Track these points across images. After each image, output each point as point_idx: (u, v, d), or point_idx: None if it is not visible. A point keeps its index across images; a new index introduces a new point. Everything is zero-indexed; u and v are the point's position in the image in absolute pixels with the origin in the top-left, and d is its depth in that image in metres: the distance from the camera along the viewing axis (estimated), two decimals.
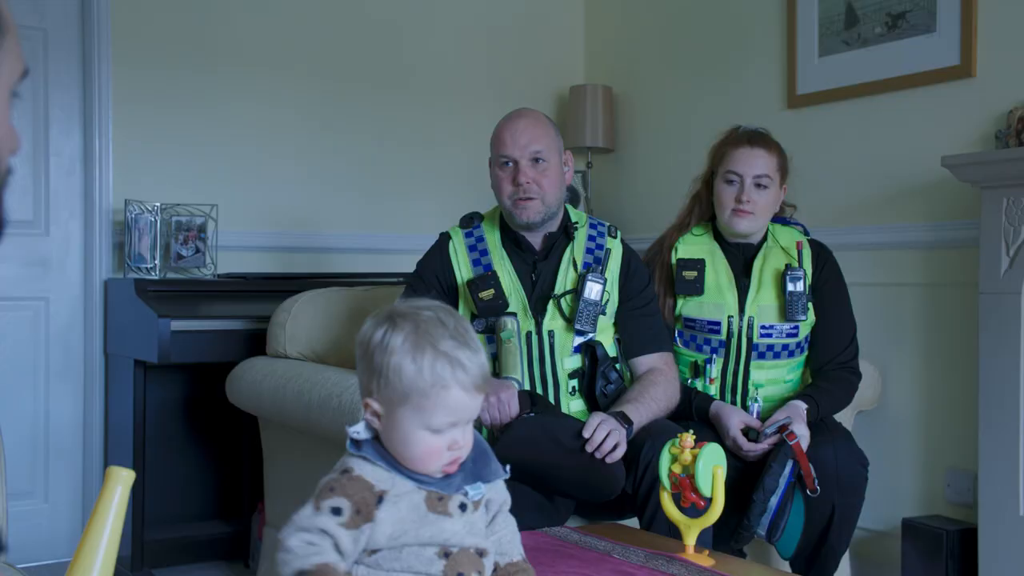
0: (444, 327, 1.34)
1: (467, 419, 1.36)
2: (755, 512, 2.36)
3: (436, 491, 1.35)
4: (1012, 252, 2.65)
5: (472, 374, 1.33)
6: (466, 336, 1.36)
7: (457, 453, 1.35)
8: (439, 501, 1.35)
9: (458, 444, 1.35)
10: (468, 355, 1.33)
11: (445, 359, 1.32)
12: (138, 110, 3.50)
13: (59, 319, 3.47)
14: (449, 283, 2.47)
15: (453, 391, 1.32)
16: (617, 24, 4.29)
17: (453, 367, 1.32)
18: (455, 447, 1.34)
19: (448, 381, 1.32)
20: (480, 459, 1.41)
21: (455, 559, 1.34)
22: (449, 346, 1.33)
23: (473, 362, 1.34)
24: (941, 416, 3.03)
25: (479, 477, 1.39)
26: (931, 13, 3.05)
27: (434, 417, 1.32)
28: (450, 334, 1.34)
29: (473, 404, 1.35)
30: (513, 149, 2.41)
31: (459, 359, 1.32)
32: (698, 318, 2.65)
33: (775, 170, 2.65)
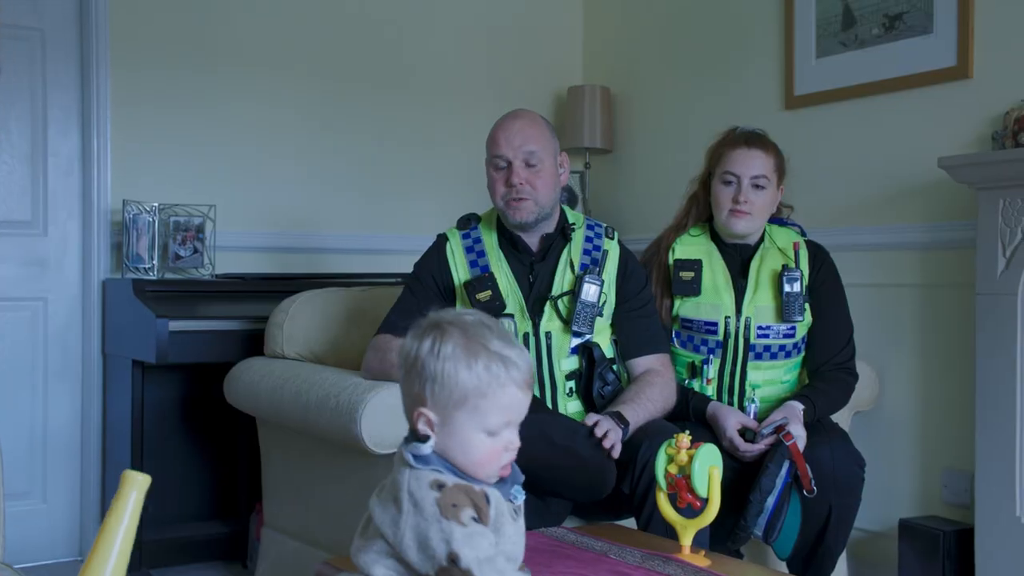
0: (490, 330, 1.39)
1: (520, 418, 1.40)
2: (752, 513, 2.36)
3: (508, 499, 1.40)
4: (1009, 253, 2.65)
5: (523, 371, 1.39)
6: (509, 336, 1.41)
7: (512, 455, 1.39)
8: (512, 507, 1.41)
9: (513, 444, 1.39)
10: (517, 353, 1.38)
11: (499, 359, 1.36)
12: (136, 110, 3.51)
13: (57, 319, 3.47)
14: (446, 284, 2.47)
15: (509, 389, 1.37)
16: (615, 25, 4.29)
17: (507, 366, 1.36)
18: (510, 447, 1.38)
19: (504, 379, 1.36)
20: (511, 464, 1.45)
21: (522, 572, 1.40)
22: (499, 346, 1.37)
23: (523, 359, 1.39)
24: (938, 417, 3.04)
25: (514, 481, 1.43)
26: (928, 14, 3.06)
27: (490, 417, 1.36)
28: (496, 335, 1.39)
29: (526, 401, 1.39)
30: (507, 150, 2.41)
31: (511, 357, 1.37)
32: (695, 319, 2.66)
33: (772, 171, 2.66)
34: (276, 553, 2.87)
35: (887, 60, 3.17)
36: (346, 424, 2.32)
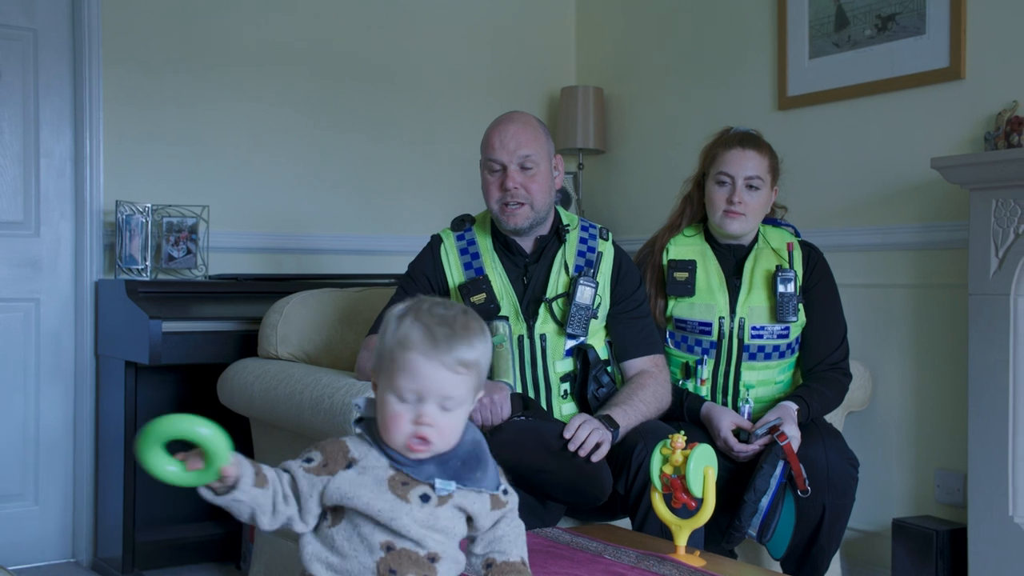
0: (445, 310, 1.38)
1: (435, 395, 1.35)
2: (746, 513, 2.37)
3: (406, 474, 1.36)
4: (1001, 253, 2.66)
5: (442, 348, 1.34)
6: (462, 325, 1.37)
7: (423, 431, 1.34)
8: (403, 485, 1.36)
9: (424, 420, 1.34)
10: (447, 333, 1.35)
11: (420, 326, 1.35)
12: (129, 111, 3.50)
13: (50, 320, 3.46)
14: (441, 286, 2.47)
15: (411, 354, 1.34)
16: (608, 26, 4.30)
17: (424, 334, 1.35)
18: (420, 422, 1.34)
19: (411, 343, 1.34)
20: (472, 464, 1.41)
21: (396, 556, 1.35)
22: (432, 320, 1.36)
23: (451, 341, 1.35)
24: (931, 417, 3.04)
25: (458, 478, 1.39)
26: (920, 15, 3.07)
27: (396, 379, 1.35)
28: (444, 317, 1.37)
29: (439, 379, 1.34)
30: (501, 153, 2.40)
31: (434, 332, 1.35)
32: (689, 319, 2.66)
33: (766, 171, 2.66)
34: (270, 554, 2.87)
35: (880, 61, 3.18)
36: (340, 425, 2.31)
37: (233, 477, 1.31)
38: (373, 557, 1.35)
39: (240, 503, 1.34)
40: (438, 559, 1.37)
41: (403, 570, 1.35)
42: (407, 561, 1.35)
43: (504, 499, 1.45)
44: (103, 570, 3.34)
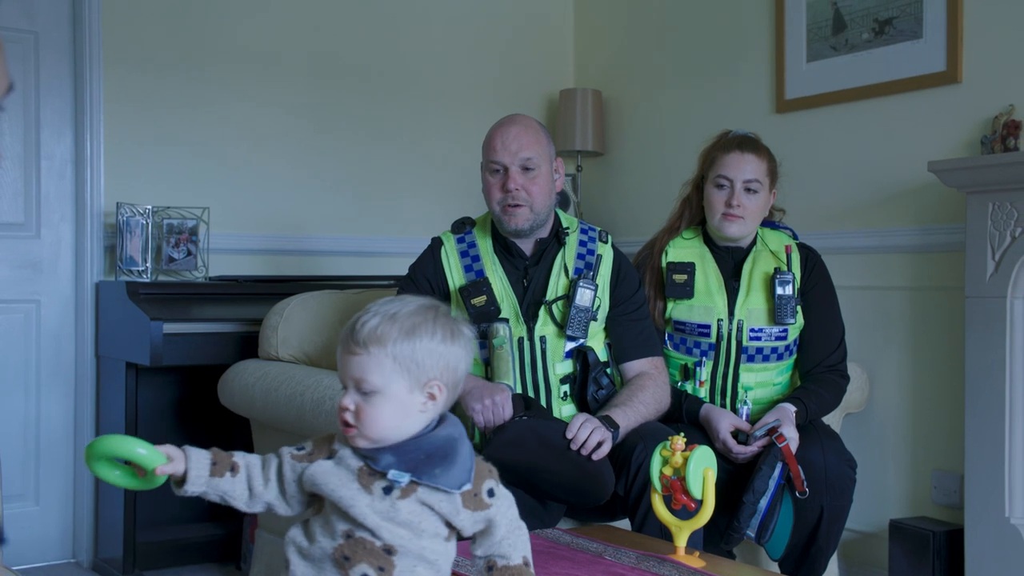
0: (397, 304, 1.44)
1: (350, 379, 1.41)
2: (745, 514, 2.38)
3: (369, 466, 1.40)
4: (998, 256, 2.68)
5: (348, 333, 1.42)
6: (388, 317, 1.41)
7: (341, 415, 1.41)
8: (368, 476, 1.40)
9: (341, 405, 1.41)
10: (366, 318, 1.41)
11: (354, 319, 1.43)
12: (129, 113, 3.51)
13: (50, 321, 3.47)
14: (442, 288, 2.48)
15: (340, 349, 1.43)
16: (607, 28, 4.31)
17: (352, 326, 1.42)
18: (339, 406, 1.41)
19: (343, 338, 1.43)
20: (436, 459, 1.41)
21: (352, 544, 1.39)
22: (365, 310, 1.43)
23: (361, 327, 1.40)
24: (928, 418, 3.06)
25: (415, 471, 1.40)
26: (918, 19, 3.09)
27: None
28: (382, 306, 1.43)
29: (346, 362, 1.41)
30: (503, 155, 2.42)
31: (359, 318, 1.42)
32: (688, 321, 2.67)
33: (765, 175, 2.68)
34: (270, 555, 2.88)
35: (877, 65, 3.20)
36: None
37: (176, 472, 1.42)
38: (334, 543, 1.40)
39: (203, 493, 1.45)
40: (395, 552, 1.39)
41: (356, 558, 1.39)
42: (361, 550, 1.39)
43: (488, 501, 1.44)
44: (104, 570, 3.35)
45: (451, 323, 1.45)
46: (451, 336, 1.44)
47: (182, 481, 1.42)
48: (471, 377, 2.36)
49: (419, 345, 1.41)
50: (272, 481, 1.46)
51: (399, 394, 1.40)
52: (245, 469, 1.46)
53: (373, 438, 1.40)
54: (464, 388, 2.29)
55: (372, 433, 1.40)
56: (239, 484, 1.46)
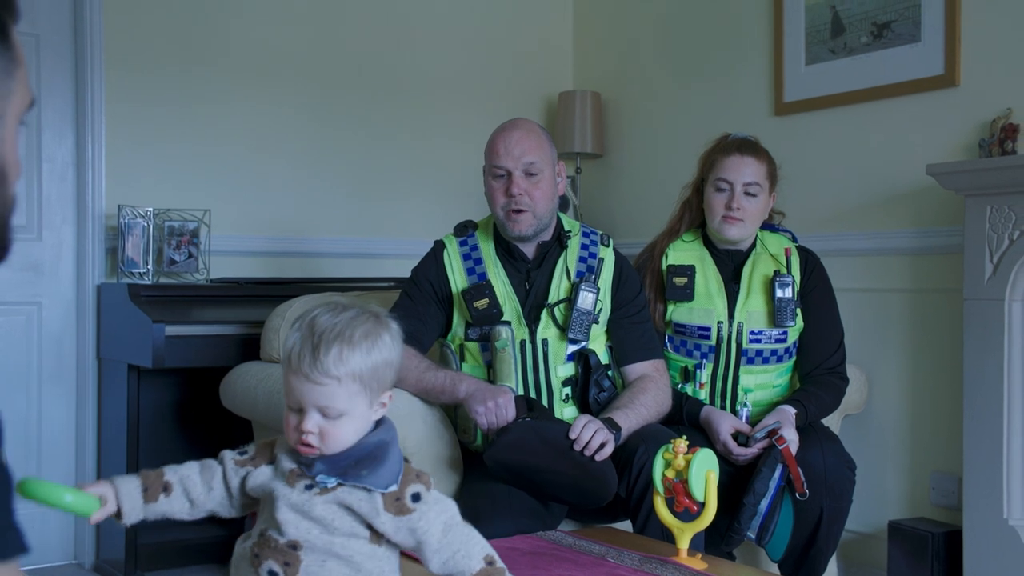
0: (332, 317, 1.41)
1: (312, 405, 1.40)
2: (746, 515, 2.40)
3: (299, 469, 1.44)
4: (996, 259, 2.70)
5: (306, 363, 1.39)
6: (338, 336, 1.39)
7: (305, 438, 1.40)
8: (297, 477, 1.43)
9: (304, 428, 1.40)
10: (313, 347, 1.39)
11: (297, 339, 1.41)
12: (131, 115, 3.52)
13: (52, 324, 3.48)
14: (444, 291, 2.50)
15: (285, 369, 1.42)
16: (605, 31, 4.33)
17: (295, 349, 1.40)
18: (301, 429, 1.40)
19: (286, 357, 1.42)
20: (364, 463, 1.42)
21: (262, 541, 1.44)
22: (308, 332, 1.41)
23: (317, 355, 1.38)
24: (926, 420, 3.08)
25: (344, 475, 1.42)
26: (916, 23, 3.10)
27: (286, 395, 1.43)
28: (324, 327, 1.40)
29: (308, 391, 1.39)
30: (506, 160, 2.43)
31: (303, 346, 1.40)
32: (688, 323, 2.69)
33: (765, 178, 2.70)
34: None
35: (876, 68, 3.22)
36: None
37: (110, 513, 1.44)
38: (251, 542, 1.46)
39: (142, 520, 1.47)
40: (300, 547, 1.41)
41: (264, 555, 1.42)
42: (267, 548, 1.42)
43: (411, 506, 1.42)
44: (106, 572, 3.36)
45: (387, 323, 1.46)
46: (391, 338, 1.45)
47: (118, 515, 1.45)
48: (474, 380, 2.37)
49: (378, 361, 1.42)
50: (216, 489, 1.49)
51: (362, 411, 1.43)
52: (179, 485, 1.48)
53: (332, 452, 1.42)
54: (467, 390, 2.31)
55: (334, 450, 1.42)
56: (175, 502, 1.48)
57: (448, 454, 2.43)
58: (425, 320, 2.48)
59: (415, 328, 2.45)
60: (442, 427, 2.44)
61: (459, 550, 1.45)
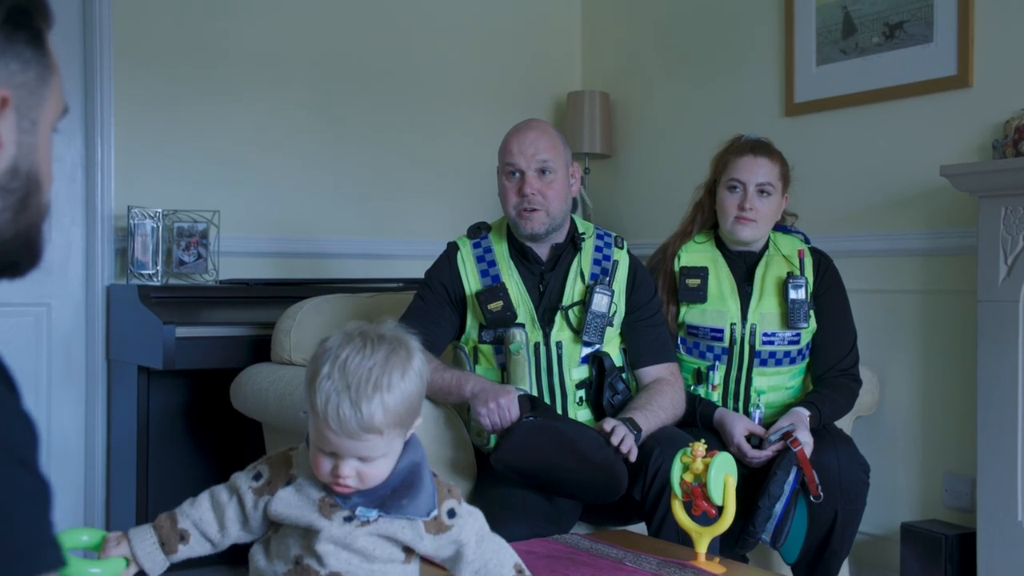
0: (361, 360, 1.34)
1: (351, 455, 1.36)
2: (760, 518, 2.39)
3: (331, 499, 1.40)
4: (1010, 261, 2.69)
5: (347, 424, 1.33)
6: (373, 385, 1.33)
7: (340, 482, 1.37)
8: (331, 507, 1.40)
9: (340, 475, 1.37)
10: (351, 404, 1.33)
11: (331, 396, 1.33)
12: (140, 116, 3.51)
13: (61, 325, 3.47)
14: (458, 293, 2.49)
15: (322, 425, 1.35)
16: (614, 30, 4.32)
17: (331, 409, 1.33)
18: (336, 475, 1.37)
19: (320, 414, 1.34)
20: (402, 491, 1.41)
21: (299, 570, 1.40)
22: (341, 385, 1.33)
23: (355, 414, 1.33)
24: (939, 421, 3.07)
25: (384, 507, 1.40)
26: (928, 23, 3.09)
27: (319, 441, 1.37)
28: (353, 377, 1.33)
29: (350, 446, 1.35)
30: (519, 159, 2.43)
31: (340, 405, 1.33)
32: (701, 325, 2.68)
33: (777, 178, 2.69)
34: None
35: (887, 68, 3.20)
36: None
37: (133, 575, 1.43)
38: (285, 567, 1.42)
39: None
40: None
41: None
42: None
43: (449, 523, 1.43)
44: None
45: (408, 349, 1.39)
46: (421, 363, 1.40)
47: (140, 574, 1.43)
48: (478, 379, 2.36)
49: (413, 394, 1.38)
50: (232, 525, 1.46)
51: (396, 447, 1.40)
52: (195, 530, 1.46)
53: (368, 487, 1.39)
54: (472, 391, 2.30)
55: (370, 485, 1.39)
56: (196, 546, 1.46)
57: (460, 457, 2.43)
58: (439, 322, 2.47)
59: (428, 331, 2.44)
60: (454, 430, 2.44)
61: (491, 559, 1.45)
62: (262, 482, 1.45)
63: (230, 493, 1.46)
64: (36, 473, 0.74)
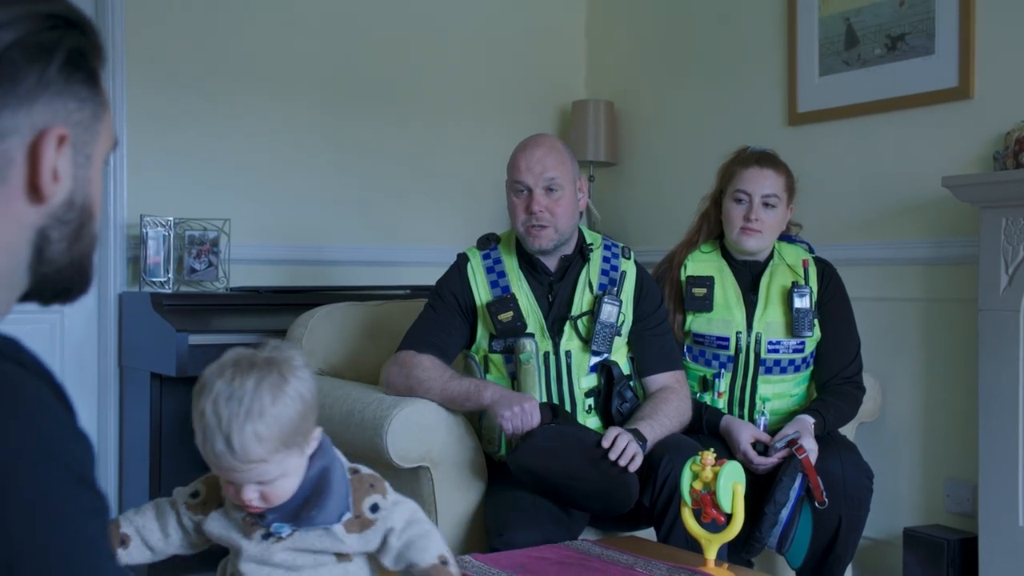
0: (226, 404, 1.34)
1: (246, 481, 1.38)
2: (767, 524, 2.43)
3: (251, 518, 1.45)
4: (1011, 271, 2.73)
5: (225, 464, 1.35)
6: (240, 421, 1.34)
7: (249, 507, 1.41)
8: (251, 525, 1.45)
9: (244, 500, 1.40)
10: (223, 445, 1.34)
11: (206, 440, 1.36)
12: (152, 126, 3.55)
13: (74, 333, 3.51)
14: (468, 304, 2.53)
15: (215, 463, 1.38)
16: (619, 40, 4.36)
17: (209, 451, 1.36)
18: (242, 500, 1.40)
19: (204, 453, 1.38)
20: (312, 501, 1.43)
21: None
22: (211, 431, 1.35)
23: (230, 453, 1.34)
24: (941, 427, 3.11)
25: (295, 519, 1.43)
26: (930, 36, 3.14)
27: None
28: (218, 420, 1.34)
29: (240, 476, 1.38)
30: (527, 176, 2.47)
31: (215, 448, 1.35)
32: (707, 334, 2.73)
33: (783, 190, 2.73)
34: None
35: (889, 80, 3.25)
36: (371, 438, 2.38)
37: None
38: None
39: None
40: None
41: None
42: None
43: (372, 517, 1.44)
44: None
45: (289, 367, 1.39)
46: (300, 382, 1.39)
47: None
48: (496, 387, 2.40)
49: (294, 416, 1.37)
50: (173, 535, 1.50)
51: (295, 465, 1.42)
52: (136, 535, 1.50)
53: (279, 503, 1.43)
54: (492, 397, 2.35)
55: (278, 503, 1.42)
56: (135, 552, 1.50)
57: (473, 461, 2.47)
58: (450, 332, 2.51)
59: (440, 340, 2.49)
60: (467, 436, 2.48)
61: (415, 542, 1.45)
62: (198, 500, 1.50)
63: (172, 506, 1.51)
64: (96, 490, 0.78)
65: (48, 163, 0.83)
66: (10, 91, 0.80)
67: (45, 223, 0.86)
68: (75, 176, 0.87)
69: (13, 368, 0.77)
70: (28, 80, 0.81)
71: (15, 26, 0.80)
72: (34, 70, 0.81)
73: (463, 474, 2.45)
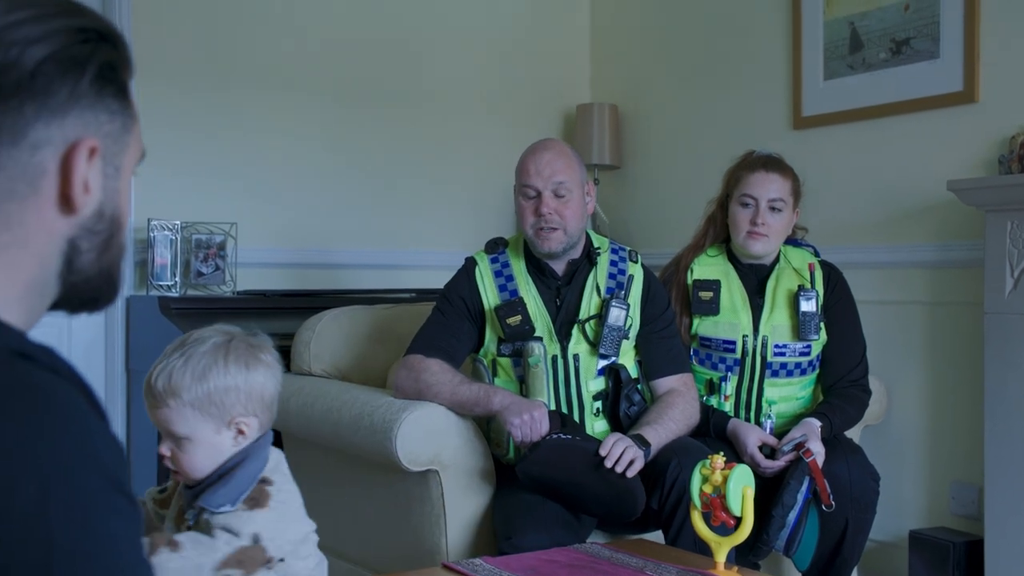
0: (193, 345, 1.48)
1: (161, 429, 1.48)
2: (774, 527, 2.45)
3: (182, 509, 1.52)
4: (1016, 274, 2.74)
5: (150, 384, 1.47)
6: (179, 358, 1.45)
7: (161, 454, 1.50)
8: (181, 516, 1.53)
9: (161, 454, 1.50)
10: (159, 370, 1.46)
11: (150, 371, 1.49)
12: (159, 130, 3.55)
13: (81, 336, 3.52)
14: (476, 308, 2.55)
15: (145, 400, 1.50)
16: (623, 43, 4.37)
17: (147, 378, 1.47)
18: (160, 456, 1.49)
19: (144, 390, 1.49)
20: (216, 485, 1.48)
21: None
22: (162, 355, 1.48)
23: (156, 375, 1.46)
24: (946, 430, 3.12)
25: (197, 500, 1.49)
26: (935, 40, 3.15)
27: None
28: (175, 351, 1.47)
29: (150, 412, 1.48)
30: (536, 180, 2.48)
31: (153, 369, 1.47)
32: (713, 337, 2.74)
33: (789, 194, 2.74)
34: None
35: (894, 84, 3.26)
36: (381, 442, 2.39)
37: None
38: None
39: None
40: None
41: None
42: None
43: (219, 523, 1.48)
44: None
45: (246, 353, 1.48)
46: (246, 367, 1.47)
47: None
48: (505, 393, 2.42)
49: (213, 387, 1.44)
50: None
51: (207, 437, 1.46)
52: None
53: (193, 479, 1.48)
54: (502, 403, 2.36)
55: (191, 474, 1.48)
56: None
57: (482, 466, 2.48)
58: (458, 336, 2.53)
59: (448, 344, 2.51)
60: (476, 439, 2.49)
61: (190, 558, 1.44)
62: (164, 495, 1.57)
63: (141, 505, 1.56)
64: (130, 496, 0.79)
65: (80, 175, 0.84)
66: (43, 104, 0.81)
67: (75, 233, 0.87)
68: (105, 187, 0.88)
69: (48, 375, 0.78)
70: (61, 93, 0.82)
71: (49, 40, 0.81)
72: (67, 83, 0.83)
73: (472, 477, 2.46)
